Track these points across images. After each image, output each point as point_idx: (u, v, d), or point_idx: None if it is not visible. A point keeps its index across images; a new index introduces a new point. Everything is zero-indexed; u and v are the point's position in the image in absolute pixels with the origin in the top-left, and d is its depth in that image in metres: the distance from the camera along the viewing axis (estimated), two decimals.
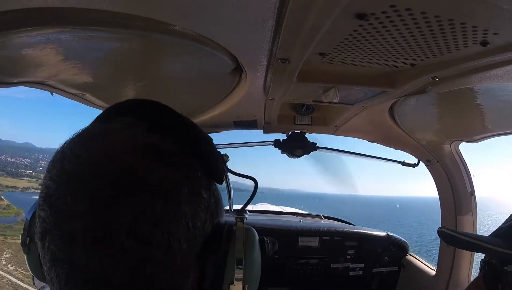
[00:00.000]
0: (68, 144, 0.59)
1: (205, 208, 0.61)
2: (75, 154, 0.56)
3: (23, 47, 1.14)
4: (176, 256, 0.56)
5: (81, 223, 0.52)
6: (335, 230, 3.21)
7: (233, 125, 2.56)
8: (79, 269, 0.53)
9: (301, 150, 2.89)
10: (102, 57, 1.37)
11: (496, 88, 1.44)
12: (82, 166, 0.55)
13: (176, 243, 0.55)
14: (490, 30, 0.96)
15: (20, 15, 0.92)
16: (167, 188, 0.56)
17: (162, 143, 0.59)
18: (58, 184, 0.55)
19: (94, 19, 0.97)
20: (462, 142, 2.42)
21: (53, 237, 0.54)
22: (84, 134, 0.61)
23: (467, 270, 2.58)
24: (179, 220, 0.56)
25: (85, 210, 0.52)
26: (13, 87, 1.48)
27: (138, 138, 0.59)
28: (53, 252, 0.54)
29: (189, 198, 0.58)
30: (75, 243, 0.52)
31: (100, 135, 0.60)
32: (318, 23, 0.94)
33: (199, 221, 0.59)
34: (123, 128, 0.60)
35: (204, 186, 0.62)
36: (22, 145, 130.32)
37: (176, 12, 0.95)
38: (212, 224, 0.63)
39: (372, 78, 1.49)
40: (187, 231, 0.57)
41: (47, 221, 0.54)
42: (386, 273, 3.21)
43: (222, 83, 1.68)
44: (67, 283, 0.54)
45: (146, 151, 0.57)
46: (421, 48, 1.12)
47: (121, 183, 0.54)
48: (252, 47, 1.15)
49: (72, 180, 0.54)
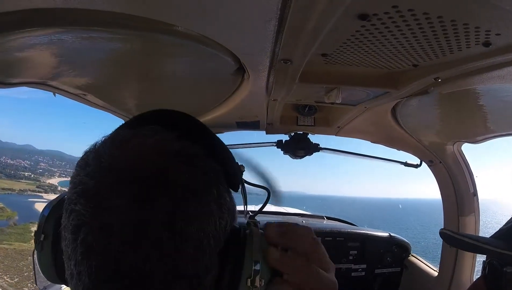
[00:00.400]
0: (102, 146, 0.63)
1: (228, 211, 0.66)
2: (111, 153, 0.60)
3: (25, 47, 1.14)
4: (204, 252, 0.60)
5: (119, 216, 0.55)
6: (338, 230, 3.21)
7: (235, 126, 2.56)
8: (115, 260, 0.55)
9: (303, 151, 2.89)
10: (104, 57, 1.37)
11: (499, 89, 1.44)
12: (119, 164, 0.59)
13: (206, 239, 0.60)
14: (493, 31, 0.96)
15: (22, 16, 0.92)
16: (199, 189, 0.61)
17: (191, 149, 0.64)
18: (96, 180, 0.58)
19: (96, 20, 0.97)
20: (465, 143, 2.42)
21: (91, 229, 0.56)
22: (116, 137, 0.65)
23: (469, 270, 2.58)
24: (209, 218, 0.61)
25: (124, 204, 0.56)
26: (15, 88, 1.48)
27: (168, 143, 0.63)
28: (89, 244, 0.56)
29: (217, 200, 0.63)
30: (112, 235, 0.55)
31: (133, 138, 0.63)
32: (321, 24, 0.94)
33: (223, 221, 0.64)
34: (154, 134, 0.64)
35: (227, 192, 0.68)
36: (22, 147, 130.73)
37: (178, 12, 0.95)
38: (231, 226, 0.68)
39: (375, 79, 1.49)
40: (214, 229, 0.61)
41: (84, 213, 0.57)
42: (388, 274, 3.20)
43: (224, 84, 1.68)
44: (98, 275, 0.56)
45: (177, 154, 0.62)
46: (424, 49, 1.12)
47: (157, 181, 0.57)
48: (255, 48, 1.15)
49: (110, 175, 0.58)
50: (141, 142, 0.62)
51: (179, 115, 0.74)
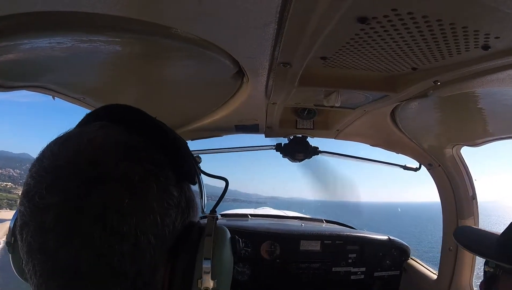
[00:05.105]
0: (48, 146, 0.63)
1: (175, 206, 0.64)
2: (52, 153, 0.60)
3: (25, 51, 1.14)
4: (144, 250, 0.58)
5: (53, 213, 0.55)
6: (337, 234, 3.21)
7: (234, 129, 2.56)
8: (50, 258, 0.55)
9: (302, 154, 2.89)
10: (103, 61, 1.37)
11: (498, 92, 1.44)
12: (56, 162, 0.58)
13: (144, 237, 0.57)
14: (492, 34, 0.96)
15: (21, 19, 0.92)
16: (132, 182, 0.58)
17: (132, 141, 0.63)
18: (36, 180, 0.58)
19: (95, 23, 0.97)
20: (464, 146, 2.42)
21: (29, 229, 0.57)
22: (62, 136, 0.64)
23: (468, 274, 2.58)
24: (146, 214, 0.58)
25: (57, 202, 0.55)
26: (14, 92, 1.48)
27: (108, 137, 0.62)
28: (29, 243, 0.57)
29: (158, 195, 0.61)
30: (47, 233, 0.55)
31: (75, 136, 0.63)
32: (320, 27, 0.94)
33: (168, 218, 0.62)
34: (97, 129, 0.64)
35: (174, 185, 0.65)
36: (18, 155, 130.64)
37: (177, 16, 0.95)
38: (184, 223, 0.66)
39: (374, 82, 1.49)
40: (155, 226, 0.59)
41: (25, 214, 0.57)
42: (387, 277, 3.19)
43: (223, 87, 1.68)
44: (41, 274, 0.56)
45: (114, 147, 0.61)
46: (423, 52, 1.12)
47: (87, 176, 0.56)
48: (254, 51, 1.15)
49: (48, 175, 0.57)
50: (81, 138, 0.61)
51: (129, 110, 0.71)
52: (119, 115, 0.69)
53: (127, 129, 0.64)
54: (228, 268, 0.69)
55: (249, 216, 4.03)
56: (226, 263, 0.69)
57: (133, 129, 0.65)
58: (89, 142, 0.60)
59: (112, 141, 0.62)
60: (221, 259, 0.67)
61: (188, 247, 0.65)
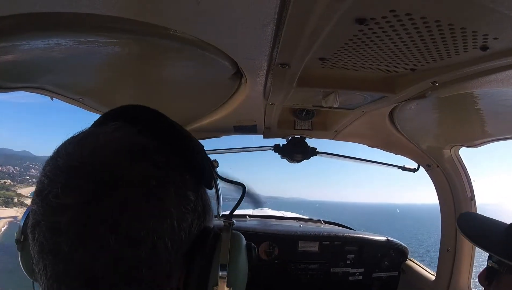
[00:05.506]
0: (62, 145, 0.62)
1: (192, 210, 0.62)
2: (67, 152, 0.59)
3: (23, 52, 1.14)
4: (161, 255, 0.57)
5: (67, 215, 0.54)
6: (335, 235, 3.21)
7: (233, 130, 2.56)
8: (63, 261, 0.54)
9: (301, 155, 2.90)
10: (101, 62, 1.37)
11: (496, 92, 1.44)
12: (71, 162, 0.57)
13: (161, 241, 0.56)
14: (490, 35, 0.96)
15: (20, 20, 0.92)
16: (150, 186, 0.57)
17: (149, 144, 0.61)
18: (50, 179, 0.57)
19: (94, 24, 0.97)
20: (462, 147, 2.42)
21: (41, 229, 0.55)
22: (77, 136, 0.63)
23: (467, 275, 2.58)
24: (164, 219, 0.57)
25: (72, 203, 0.54)
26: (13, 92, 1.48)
27: (125, 139, 0.61)
28: (41, 243, 0.55)
29: (176, 199, 0.60)
30: (61, 234, 0.54)
31: (91, 136, 0.62)
32: (318, 28, 0.94)
33: (184, 222, 0.60)
34: (114, 130, 0.62)
35: (191, 189, 0.63)
36: (18, 153, 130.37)
37: (176, 17, 0.95)
38: (200, 227, 0.65)
39: (372, 83, 1.49)
40: (172, 231, 0.58)
41: (38, 213, 0.56)
42: (386, 278, 3.20)
43: (222, 88, 1.68)
44: (52, 274, 0.55)
45: (131, 150, 0.59)
46: (421, 53, 1.12)
47: (104, 179, 0.55)
48: (252, 52, 1.15)
49: (63, 174, 0.56)
50: (97, 139, 0.60)
51: (145, 110, 0.70)
52: (136, 116, 0.67)
53: (144, 131, 0.63)
54: (243, 275, 0.68)
55: (248, 217, 4.02)
56: (241, 270, 0.68)
57: (150, 131, 0.63)
58: (106, 144, 0.59)
59: (129, 143, 0.60)
60: (237, 266, 0.66)
61: (204, 253, 0.64)
